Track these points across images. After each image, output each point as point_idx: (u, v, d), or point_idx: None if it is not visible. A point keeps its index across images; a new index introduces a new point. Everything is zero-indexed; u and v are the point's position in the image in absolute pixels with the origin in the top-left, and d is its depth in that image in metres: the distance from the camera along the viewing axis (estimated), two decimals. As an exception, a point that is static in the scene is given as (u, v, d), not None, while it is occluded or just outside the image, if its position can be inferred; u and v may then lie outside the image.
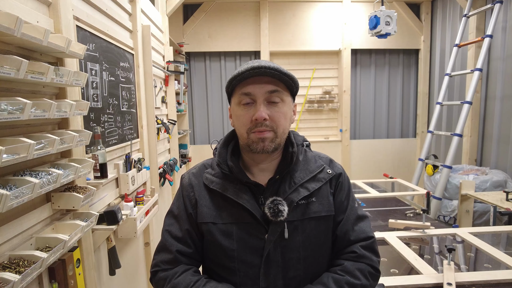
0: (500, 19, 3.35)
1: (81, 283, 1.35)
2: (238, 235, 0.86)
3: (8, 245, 1.05)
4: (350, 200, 0.96)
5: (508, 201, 2.38)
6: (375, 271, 0.90)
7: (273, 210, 0.83)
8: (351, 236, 0.92)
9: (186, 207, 0.93)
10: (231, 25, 4.41)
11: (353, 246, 0.91)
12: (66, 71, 1.21)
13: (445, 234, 1.87)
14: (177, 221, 0.94)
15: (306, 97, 4.61)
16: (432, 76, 4.60)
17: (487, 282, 1.32)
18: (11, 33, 0.91)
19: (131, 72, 2.21)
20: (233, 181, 0.90)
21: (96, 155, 1.51)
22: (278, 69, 0.84)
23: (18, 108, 0.96)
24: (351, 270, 0.87)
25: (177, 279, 0.86)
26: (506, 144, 3.33)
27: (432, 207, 3.12)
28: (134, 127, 2.24)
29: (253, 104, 0.85)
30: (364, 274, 0.87)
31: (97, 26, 1.70)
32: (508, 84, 3.33)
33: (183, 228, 0.92)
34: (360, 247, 0.91)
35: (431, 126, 3.77)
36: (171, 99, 3.35)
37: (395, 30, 3.06)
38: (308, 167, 0.93)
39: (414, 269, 1.45)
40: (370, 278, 0.89)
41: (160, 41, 3.10)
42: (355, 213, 0.95)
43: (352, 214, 0.94)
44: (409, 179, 3.84)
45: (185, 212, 0.93)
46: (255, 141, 0.86)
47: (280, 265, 0.86)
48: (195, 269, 0.91)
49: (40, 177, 1.08)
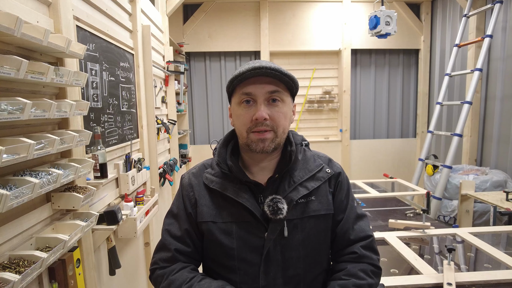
0: (500, 19, 3.35)
1: (81, 283, 1.35)
2: (238, 234, 0.87)
3: (8, 245, 1.05)
4: (349, 199, 0.97)
5: (508, 201, 2.38)
6: (376, 269, 0.92)
7: (272, 208, 0.84)
8: (351, 235, 0.93)
9: (185, 207, 0.94)
10: (231, 25, 4.41)
11: (353, 246, 0.93)
12: (66, 71, 1.21)
13: (445, 234, 1.87)
14: (176, 220, 0.95)
15: (306, 97, 4.61)
16: (432, 76, 4.60)
17: (487, 282, 1.32)
18: (11, 33, 0.91)
19: (131, 72, 2.21)
20: (232, 180, 0.90)
21: (96, 155, 1.51)
22: (279, 70, 0.85)
23: (18, 108, 0.96)
24: (355, 272, 0.88)
25: (173, 276, 0.87)
26: (506, 144, 3.33)
27: (432, 207, 3.12)
28: (134, 127, 2.24)
29: (253, 104, 0.86)
30: (367, 274, 0.89)
31: (97, 26, 1.70)
32: (508, 84, 3.33)
33: (182, 227, 0.93)
34: (360, 248, 0.92)
35: (431, 126, 3.77)
36: (171, 99, 3.35)
37: (395, 30, 3.06)
38: (307, 166, 0.94)
39: (414, 269, 1.45)
40: (373, 276, 0.90)
41: (160, 41, 3.10)
42: (355, 212, 0.97)
43: (352, 213, 0.96)
44: (409, 179, 3.84)
45: (184, 212, 0.93)
46: (254, 141, 0.86)
47: (279, 263, 0.87)
48: (193, 267, 0.92)
49: (40, 177, 1.08)
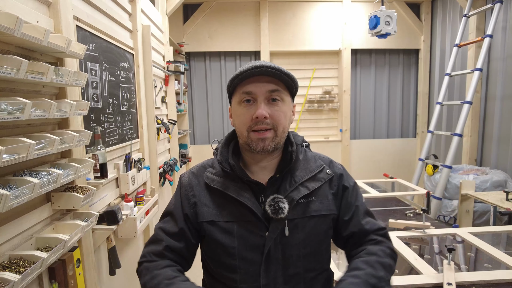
0: (500, 19, 3.34)
1: (81, 283, 1.35)
2: (239, 233, 0.87)
3: (8, 245, 1.05)
4: (358, 198, 0.98)
5: (508, 201, 2.38)
6: (393, 253, 0.93)
7: (274, 208, 0.85)
8: (367, 227, 0.94)
9: (183, 207, 0.93)
10: (231, 25, 4.41)
11: (370, 235, 0.94)
12: (66, 71, 1.21)
13: (445, 234, 1.87)
14: (171, 218, 0.94)
15: (306, 97, 4.61)
16: (432, 76, 4.60)
17: (487, 282, 1.32)
18: (11, 33, 0.91)
19: (131, 72, 2.21)
20: (234, 179, 0.91)
21: (96, 155, 1.51)
22: (279, 69, 0.85)
23: (18, 108, 0.96)
24: (376, 251, 0.89)
25: (158, 271, 0.85)
26: (506, 144, 3.33)
27: (432, 207, 3.11)
28: (134, 127, 2.24)
29: (253, 103, 0.87)
30: (387, 254, 0.90)
31: (97, 26, 1.70)
32: (508, 84, 3.33)
33: (177, 226, 0.92)
34: (377, 235, 0.94)
35: (431, 126, 3.77)
36: (171, 99, 3.35)
37: (395, 30, 3.06)
38: (308, 167, 0.94)
39: (414, 269, 1.45)
40: (391, 259, 0.90)
41: (160, 41, 3.10)
42: (364, 208, 0.98)
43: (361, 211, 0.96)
44: (409, 179, 3.83)
45: (181, 211, 0.93)
46: (255, 140, 0.87)
47: (280, 262, 0.87)
48: (179, 268, 0.90)
49: (40, 177, 1.08)
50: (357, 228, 0.94)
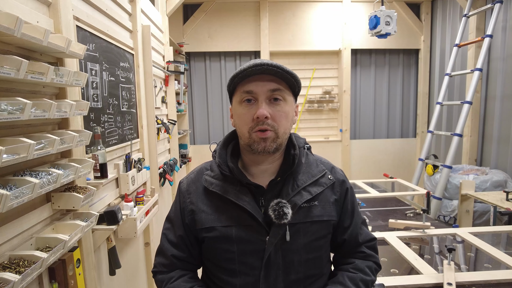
0: (500, 19, 3.35)
1: (81, 283, 1.35)
2: (238, 238, 0.85)
3: (8, 245, 1.05)
4: (355, 206, 1.00)
5: (508, 201, 2.38)
6: (378, 267, 1.00)
7: (278, 213, 0.82)
8: (359, 239, 0.98)
9: (182, 215, 0.93)
10: (231, 25, 4.41)
11: (361, 247, 0.98)
12: (66, 71, 1.21)
13: (445, 234, 1.87)
14: (172, 225, 0.96)
15: (306, 97, 4.61)
16: (432, 76, 4.60)
17: (487, 282, 1.32)
18: (11, 33, 0.91)
19: (131, 72, 2.21)
20: (233, 182, 0.88)
21: (96, 155, 1.51)
22: (281, 67, 0.83)
23: (18, 108, 0.96)
24: (362, 268, 0.94)
25: (171, 284, 0.90)
26: (506, 144, 3.33)
27: (432, 207, 3.12)
28: (134, 127, 2.24)
29: (254, 103, 0.84)
30: (372, 271, 0.96)
31: (97, 26, 1.70)
32: (508, 84, 3.33)
33: (177, 234, 0.93)
34: (366, 248, 0.99)
35: (431, 126, 3.77)
36: (171, 99, 3.35)
37: (395, 30, 3.06)
38: (311, 171, 0.92)
39: (414, 269, 1.45)
40: (375, 274, 0.98)
41: (160, 41, 3.10)
42: (360, 218, 1.01)
43: (359, 219, 1.00)
44: (409, 179, 3.84)
45: (180, 219, 0.94)
46: (256, 140, 0.84)
47: (281, 267, 0.85)
48: (191, 275, 0.94)
49: (40, 177, 1.08)
50: (351, 236, 0.97)
